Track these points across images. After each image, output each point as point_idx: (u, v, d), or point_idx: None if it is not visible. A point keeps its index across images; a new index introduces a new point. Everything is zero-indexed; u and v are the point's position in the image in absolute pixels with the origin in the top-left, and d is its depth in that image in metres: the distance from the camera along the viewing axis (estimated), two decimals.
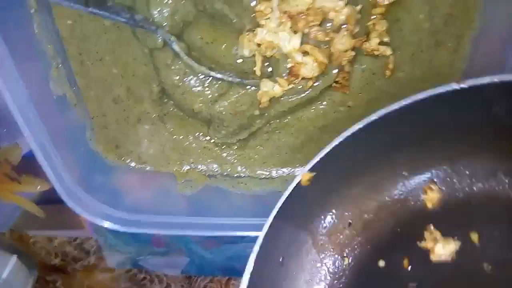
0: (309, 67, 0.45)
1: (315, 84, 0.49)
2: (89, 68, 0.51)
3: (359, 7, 0.44)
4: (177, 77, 0.49)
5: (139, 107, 0.54)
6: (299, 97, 0.49)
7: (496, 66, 0.40)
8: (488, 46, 0.41)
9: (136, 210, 0.55)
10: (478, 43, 0.43)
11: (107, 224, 0.53)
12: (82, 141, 0.55)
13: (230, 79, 0.47)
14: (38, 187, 0.66)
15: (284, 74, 0.47)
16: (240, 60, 0.49)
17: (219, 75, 0.47)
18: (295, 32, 0.44)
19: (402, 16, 0.46)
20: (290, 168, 0.57)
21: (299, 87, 0.48)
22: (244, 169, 0.58)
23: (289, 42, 0.44)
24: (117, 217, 0.53)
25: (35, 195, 0.72)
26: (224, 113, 0.50)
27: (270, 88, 0.48)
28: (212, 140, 0.56)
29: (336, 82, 0.50)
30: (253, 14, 0.45)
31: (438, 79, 0.49)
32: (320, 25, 0.45)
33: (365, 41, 0.46)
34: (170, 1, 0.45)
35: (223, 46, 0.48)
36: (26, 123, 0.45)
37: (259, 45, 0.46)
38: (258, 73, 0.48)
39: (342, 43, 0.44)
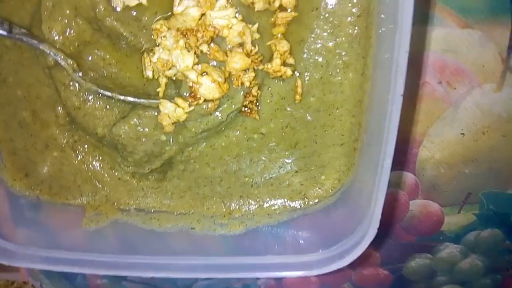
0: (207, 87, 0.43)
1: (220, 108, 0.46)
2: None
3: (255, 26, 0.43)
4: (77, 99, 0.47)
5: (46, 132, 0.52)
6: (205, 121, 0.46)
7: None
8: (385, 66, 0.38)
9: (64, 249, 0.50)
10: (375, 62, 0.40)
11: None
12: None
13: (123, 97, 0.45)
14: None
15: (185, 95, 0.45)
16: (145, 82, 0.47)
17: (108, 93, 0.45)
18: (189, 50, 0.42)
19: (306, 36, 0.44)
20: (208, 204, 0.54)
21: (203, 109, 0.45)
22: (160, 203, 0.55)
23: (183, 60, 0.42)
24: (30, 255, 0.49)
25: None
26: (123, 136, 0.47)
27: (171, 111, 0.45)
28: (127, 171, 0.53)
29: (245, 106, 0.48)
30: (151, 34, 0.44)
31: (349, 104, 0.46)
32: (218, 44, 0.44)
33: (266, 62, 0.44)
34: (61, 19, 0.43)
35: (126, 67, 0.47)
36: None
37: (156, 64, 0.44)
38: (161, 95, 0.46)
39: (237, 61, 0.41)
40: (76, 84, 0.46)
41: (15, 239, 0.49)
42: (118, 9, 0.43)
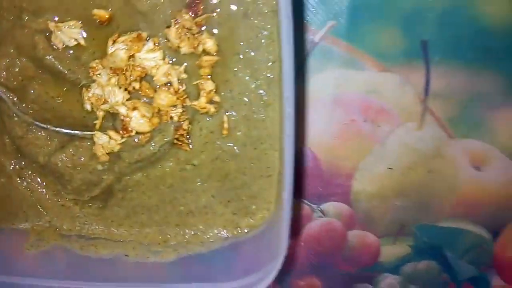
0: (137, 121, 0.46)
1: (153, 140, 0.50)
2: None
3: (182, 67, 0.47)
4: (20, 129, 0.50)
5: None
6: (137, 151, 0.50)
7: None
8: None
9: (12, 274, 0.52)
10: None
11: None
12: None
13: (60, 130, 0.48)
14: None
15: (119, 128, 0.48)
16: (84, 114, 0.51)
17: (46, 126, 0.48)
18: (120, 87, 0.46)
19: (230, 77, 0.48)
20: (146, 232, 0.56)
21: (135, 141, 0.49)
22: (101, 231, 0.57)
23: (115, 96, 0.46)
24: None
25: None
26: (60, 165, 0.50)
27: (105, 142, 0.48)
28: (68, 198, 0.56)
29: (177, 139, 0.51)
30: (89, 71, 0.48)
31: (272, 139, 0.50)
32: (149, 82, 0.48)
33: (194, 99, 0.48)
34: (5, 57, 0.47)
35: (67, 101, 0.50)
36: None
37: (92, 99, 0.48)
38: (97, 127, 0.50)
39: (163, 99, 0.45)
40: (20, 117, 0.50)
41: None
42: (59, 48, 0.48)
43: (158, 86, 0.47)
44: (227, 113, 0.49)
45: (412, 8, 0.50)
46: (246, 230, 0.53)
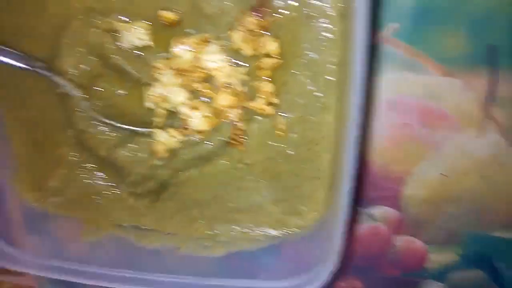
0: (197, 121, 0.48)
1: (210, 139, 0.51)
2: (11, 110, 0.55)
3: (243, 69, 0.47)
4: (85, 123, 0.52)
5: (57, 151, 0.57)
6: (195, 149, 0.51)
7: None
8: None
9: (68, 259, 0.54)
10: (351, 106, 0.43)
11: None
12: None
13: (123, 126, 0.50)
14: None
15: (179, 126, 0.50)
16: (145, 112, 0.52)
17: (111, 122, 0.50)
18: (183, 87, 0.47)
19: (289, 79, 0.48)
20: (195, 226, 0.57)
21: (193, 139, 0.50)
22: (153, 222, 0.58)
23: (178, 96, 0.47)
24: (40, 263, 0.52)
25: None
26: (121, 159, 0.52)
27: (165, 139, 0.50)
28: (124, 190, 0.57)
29: (232, 138, 0.52)
30: (152, 70, 0.49)
31: (327, 142, 0.49)
32: (210, 83, 0.48)
33: (252, 100, 0.48)
34: (75, 55, 0.49)
35: (130, 98, 0.52)
36: None
37: (154, 97, 0.49)
38: (158, 124, 0.51)
39: (223, 99, 0.46)
40: (84, 112, 0.52)
41: (24, 246, 0.54)
42: (125, 47, 0.49)
43: (217, 87, 0.48)
44: (283, 115, 0.49)
45: (481, 13, 0.48)
46: (294, 230, 0.54)
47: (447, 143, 0.56)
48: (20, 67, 0.50)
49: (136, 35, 0.47)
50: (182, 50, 0.44)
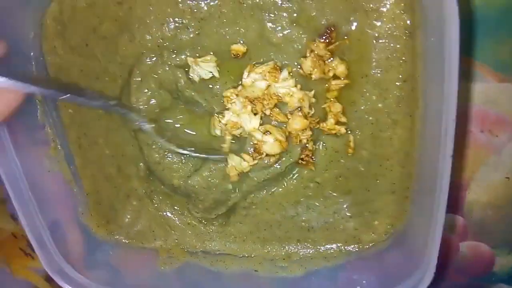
0: (269, 145, 0.49)
1: (280, 161, 0.52)
2: (86, 150, 0.58)
3: (312, 92, 0.49)
4: (157, 155, 0.55)
5: (128, 184, 0.59)
6: (266, 171, 0.52)
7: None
8: (432, 123, 0.43)
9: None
10: (423, 119, 0.45)
11: None
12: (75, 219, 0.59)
13: (196, 154, 0.52)
14: None
15: (249, 150, 0.51)
16: (211, 139, 0.54)
17: (185, 152, 0.52)
18: (255, 114, 0.49)
19: (357, 98, 0.50)
20: (268, 247, 0.58)
21: (265, 163, 0.52)
22: (224, 246, 0.60)
23: (250, 122, 0.49)
24: None
25: (45, 271, 0.76)
26: (197, 187, 0.54)
27: (237, 163, 0.51)
28: (196, 217, 0.59)
29: (302, 159, 0.53)
30: (221, 100, 0.51)
31: (399, 156, 0.51)
32: (279, 107, 0.50)
33: (322, 121, 0.50)
34: (147, 91, 0.52)
35: (197, 127, 0.54)
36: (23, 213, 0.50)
37: (226, 125, 0.51)
38: (226, 150, 0.53)
39: (297, 123, 0.48)
40: (157, 144, 0.54)
41: (89, 276, 0.55)
42: (196, 81, 0.51)
43: (289, 111, 0.49)
44: (352, 133, 0.51)
45: None
46: (369, 245, 0.55)
47: (508, 146, 0.57)
48: (94, 106, 0.52)
49: (205, 68, 0.50)
50: (254, 79, 0.47)
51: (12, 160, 0.49)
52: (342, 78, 0.48)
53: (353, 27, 0.47)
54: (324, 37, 0.46)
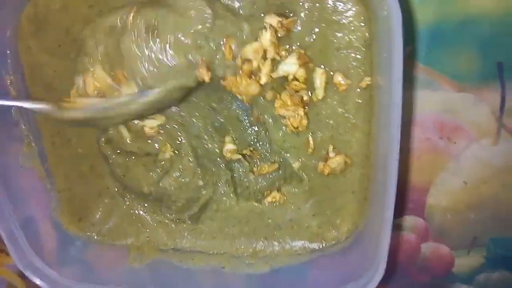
0: None
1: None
2: (59, 148, 0.59)
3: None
4: (119, 170, 0.56)
5: (101, 182, 0.60)
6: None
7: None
8: (384, 128, 0.45)
9: (104, 284, 0.56)
10: (379, 124, 0.48)
11: None
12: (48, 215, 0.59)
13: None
14: None
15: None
16: None
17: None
18: None
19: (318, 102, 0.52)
20: (237, 244, 0.60)
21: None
22: (195, 244, 0.61)
23: None
24: None
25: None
26: (168, 188, 0.55)
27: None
28: (170, 218, 0.60)
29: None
30: None
31: (358, 158, 0.53)
32: None
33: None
34: None
35: None
36: None
37: None
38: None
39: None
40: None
41: (61, 271, 0.56)
42: None
43: None
44: (313, 135, 0.53)
45: (489, 33, 0.53)
46: (332, 243, 0.57)
47: (466, 153, 0.61)
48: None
49: None
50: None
51: None
52: (301, 81, 0.50)
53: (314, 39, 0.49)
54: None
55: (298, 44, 0.49)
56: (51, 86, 0.54)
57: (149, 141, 0.56)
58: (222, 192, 0.57)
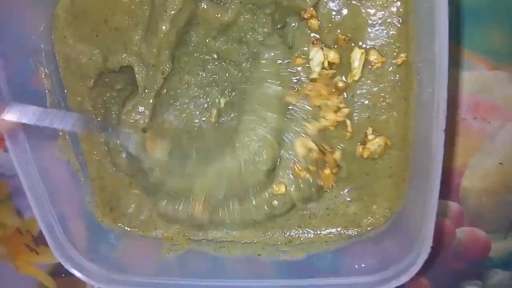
0: None
1: None
2: (92, 135, 0.59)
3: None
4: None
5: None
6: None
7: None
8: (425, 104, 0.45)
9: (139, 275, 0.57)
10: (417, 102, 0.47)
11: None
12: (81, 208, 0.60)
13: None
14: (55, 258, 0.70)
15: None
16: None
17: None
18: None
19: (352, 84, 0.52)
20: (270, 234, 0.59)
21: None
22: (226, 234, 0.60)
23: None
24: (123, 280, 0.55)
25: (49, 267, 0.76)
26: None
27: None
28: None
29: None
30: None
31: (395, 139, 0.53)
32: None
33: None
34: None
35: None
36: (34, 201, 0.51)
37: None
38: None
39: None
40: None
41: (95, 263, 0.56)
42: None
43: None
44: (349, 117, 0.52)
45: None
46: (368, 229, 0.56)
47: (501, 132, 0.60)
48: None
49: None
50: None
51: (24, 150, 0.50)
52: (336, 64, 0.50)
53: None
54: None
55: (330, 25, 0.49)
56: (87, 75, 0.54)
57: None
58: None
